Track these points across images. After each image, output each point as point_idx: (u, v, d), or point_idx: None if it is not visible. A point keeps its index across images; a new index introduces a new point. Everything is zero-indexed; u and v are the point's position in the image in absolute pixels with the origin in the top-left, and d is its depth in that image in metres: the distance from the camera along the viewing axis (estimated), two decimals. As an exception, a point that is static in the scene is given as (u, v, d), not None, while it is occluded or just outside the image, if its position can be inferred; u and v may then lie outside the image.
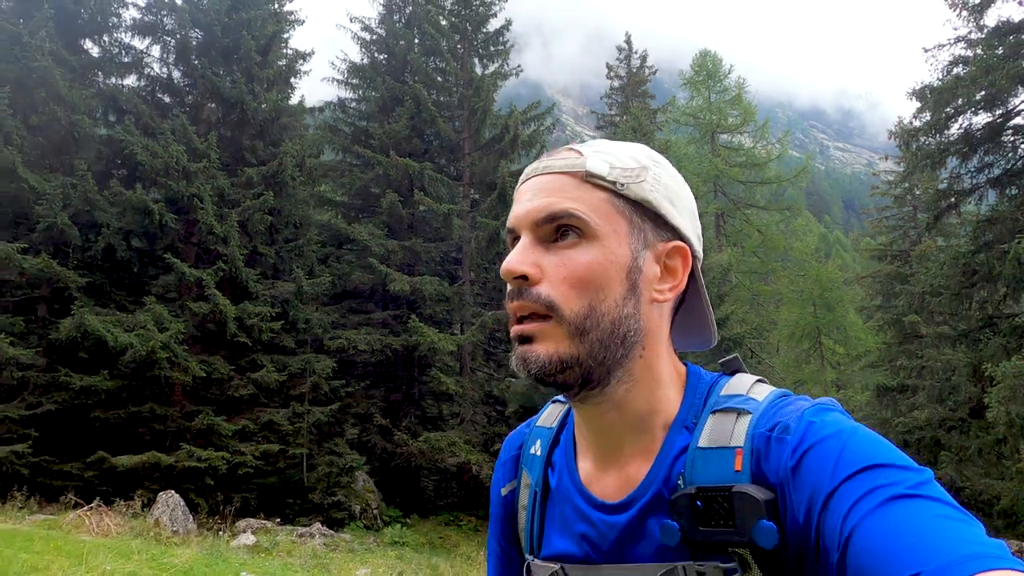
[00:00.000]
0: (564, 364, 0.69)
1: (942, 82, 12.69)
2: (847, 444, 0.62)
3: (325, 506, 15.67)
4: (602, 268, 0.70)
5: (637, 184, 0.73)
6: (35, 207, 13.33)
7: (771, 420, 0.68)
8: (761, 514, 0.63)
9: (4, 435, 12.36)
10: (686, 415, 0.74)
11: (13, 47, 13.83)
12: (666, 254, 0.74)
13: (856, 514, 0.57)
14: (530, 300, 0.70)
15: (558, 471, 0.82)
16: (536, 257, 0.71)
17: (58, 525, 9.20)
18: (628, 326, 0.71)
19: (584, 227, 0.71)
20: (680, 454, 0.72)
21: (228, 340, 14.59)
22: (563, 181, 0.72)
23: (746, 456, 0.67)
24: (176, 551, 6.57)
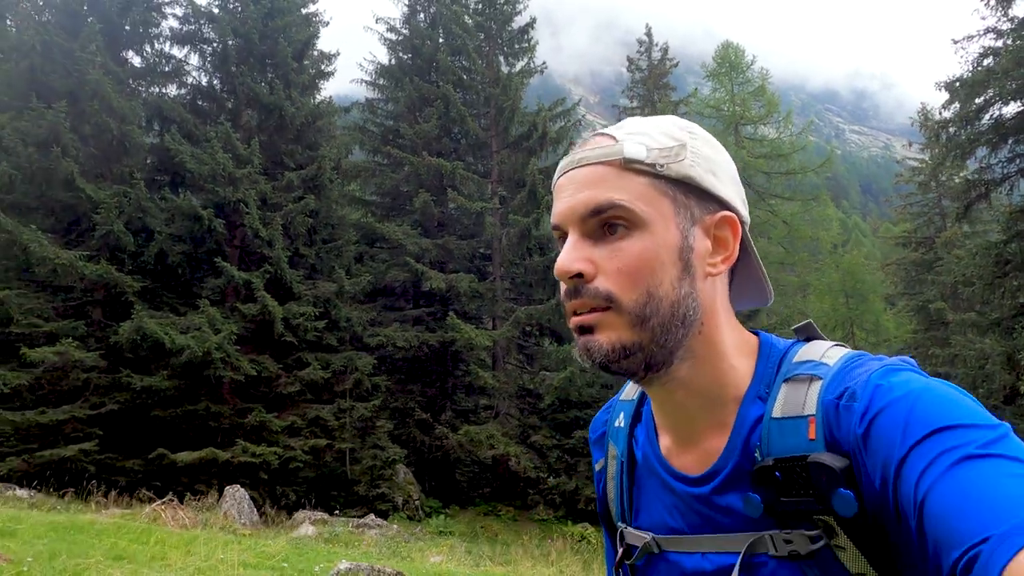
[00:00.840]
0: (627, 351, 0.71)
1: (973, 74, 12.86)
2: (915, 407, 0.62)
3: (370, 498, 16.21)
4: (654, 254, 0.71)
5: (677, 163, 0.73)
6: (92, 215, 13.89)
7: (840, 386, 0.68)
8: (838, 482, 0.63)
9: (71, 434, 12.99)
10: (759, 385, 0.75)
11: (65, 61, 14.38)
12: (715, 226, 0.75)
13: (928, 479, 0.57)
14: (588, 296, 0.71)
15: (641, 445, 0.84)
16: (587, 252, 0.72)
17: (136, 518, 9.76)
18: (687, 306, 0.72)
19: (630, 216, 0.71)
20: (755, 425, 0.72)
21: (275, 340, 15.12)
22: (602, 171, 0.72)
23: (819, 424, 0.67)
24: (268, 541, 7.06)
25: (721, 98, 24.44)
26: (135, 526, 7.45)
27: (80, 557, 5.20)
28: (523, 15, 22.00)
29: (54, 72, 14.32)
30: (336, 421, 15.71)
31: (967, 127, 13.16)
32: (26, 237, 12.43)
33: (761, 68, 23.99)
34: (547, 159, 20.77)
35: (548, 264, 19.61)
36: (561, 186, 0.75)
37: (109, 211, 13.44)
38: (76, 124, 14.34)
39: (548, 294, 20.01)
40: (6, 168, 13.03)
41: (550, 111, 21.25)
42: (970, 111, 12.84)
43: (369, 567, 5.38)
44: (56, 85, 14.23)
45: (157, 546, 6.00)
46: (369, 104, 22.61)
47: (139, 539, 6.37)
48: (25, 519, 6.95)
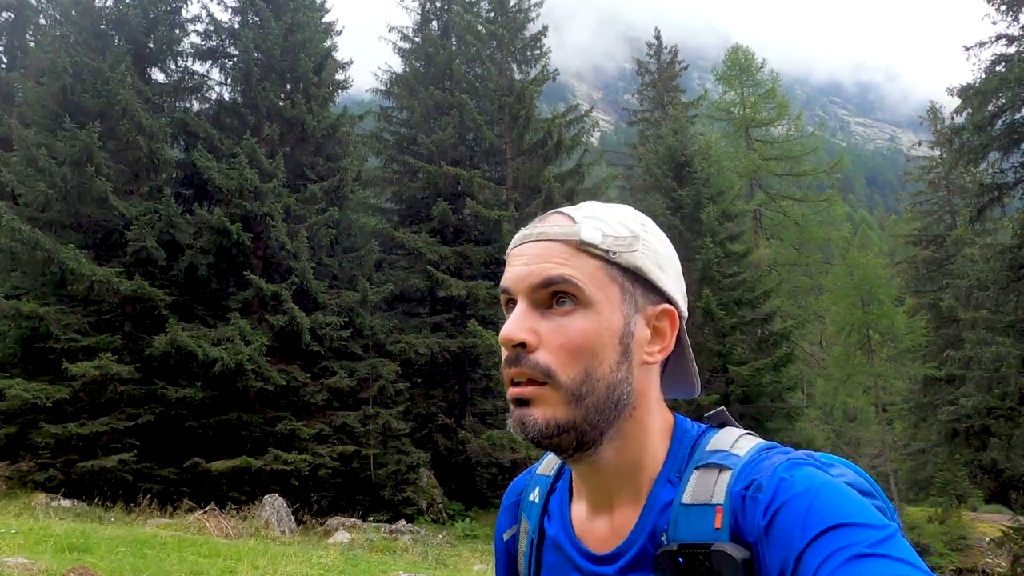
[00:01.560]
0: (560, 428, 0.72)
1: (985, 81, 13.09)
2: (813, 503, 0.64)
3: (395, 502, 16.58)
4: (597, 335, 0.72)
5: (629, 253, 0.76)
6: (124, 231, 14.27)
7: (747, 477, 0.70)
8: (738, 573, 0.65)
9: (109, 445, 13.39)
10: (671, 469, 0.77)
11: (95, 81, 14.74)
12: (656, 317, 0.77)
13: (823, 573, 0.60)
14: (528, 367, 0.72)
15: (554, 519, 0.85)
16: (533, 323, 0.73)
17: (183, 527, 10.15)
18: (621, 390, 0.74)
19: (579, 294, 0.73)
20: (664, 508, 0.74)
21: (302, 349, 15.48)
22: (558, 248, 0.74)
23: (726, 513, 0.69)
24: (319, 552, 7.42)
25: (732, 101, 24.67)
26: (195, 539, 7.82)
27: (154, 569, 5.56)
28: (535, 23, 22.30)
29: (84, 92, 14.69)
30: (362, 428, 16.07)
31: (980, 133, 13.41)
32: (65, 255, 12.81)
33: (771, 70, 24.20)
34: (562, 165, 21.07)
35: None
36: (515, 255, 0.77)
37: (142, 227, 13.82)
38: (106, 142, 14.70)
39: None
40: (43, 188, 13.41)
41: (563, 117, 21.55)
42: (983, 118, 13.08)
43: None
44: (87, 105, 14.60)
45: (225, 560, 6.36)
46: (383, 113, 22.94)
47: (206, 553, 6.73)
48: (92, 533, 7.31)
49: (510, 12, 22.43)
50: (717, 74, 25.26)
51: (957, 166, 15.18)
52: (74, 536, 6.90)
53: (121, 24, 16.01)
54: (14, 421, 13.03)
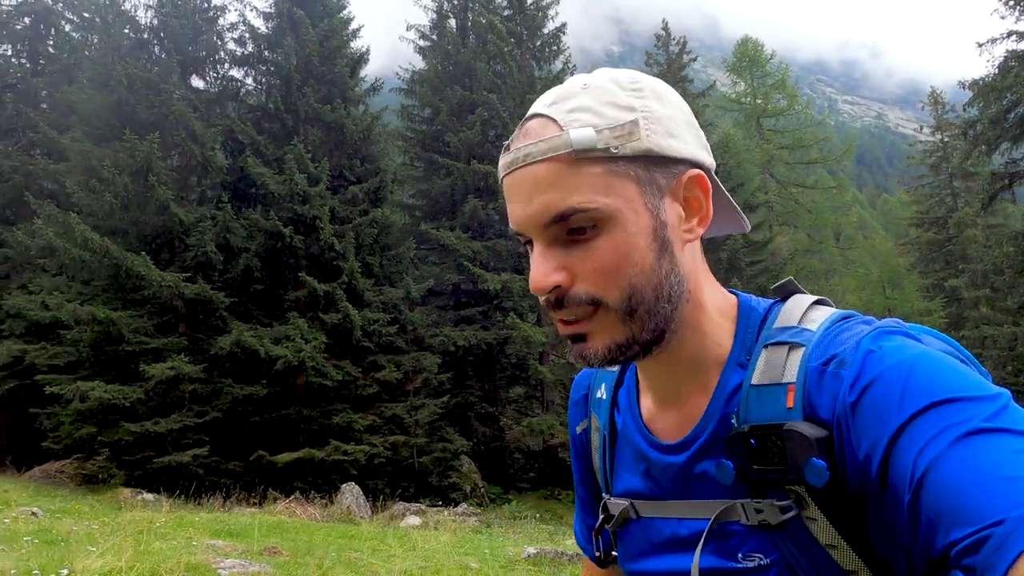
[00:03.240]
0: (623, 348, 0.69)
1: (1000, 79, 13.92)
2: (911, 376, 0.59)
3: (442, 487, 17.45)
4: (628, 246, 0.67)
5: (633, 141, 0.68)
6: (182, 236, 14.91)
7: (825, 352, 0.66)
8: (812, 452, 0.62)
9: (181, 441, 14.13)
10: (739, 351, 0.73)
11: (148, 92, 15.29)
12: (683, 188, 0.71)
13: (929, 453, 0.54)
14: (573, 304, 0.68)
15: (623, 412, 0.84)
16: (559, 260, 0.68)
17: (270, 514, 10.93)
18: (670, 283, 0.70)
19: (595, 215, 0.66)
20: (735, 392, 0.71)
21: (353, 345, 16.22)
22: (552, 169, 0.66)
23: (798, 392, 0.66)
24: (433, 534, 8.23)
25: (742, 92, 25.42)
26: (311, 524, 8.60)
27: (321, 549, 6.35)
28: (554, 20, 22.88)
29: (139, 104, 15.24)
30: (410, 418, 16.87)
31: (994, 127, 14.26)
32: (136, 263, 13.45)
33: (781, 62, 24.95)
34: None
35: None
36: (511, 188, 0.70)
37: (204, 233, 14.45)
38: (162, 151, 15.28)
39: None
40: (108, 198, 14.00)
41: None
42: (998, 112, 13.92)
43: (553, 550, 6.53)
44: (141, 115, 15.16)
45: (370, 540, 7.16)
46: (405, 111, 23.52)
47: (337, 535, 7.52)
48: (229, 520, 8.08)
49: (528, 10, 22.99)
50: (727, 65, 25.98)
51: (971, 156, 16.01)
52: (215, 524, 7.66)
53: (168, 32, 16.50)
54: (91, 421, 13.71)
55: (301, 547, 6.28)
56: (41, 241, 13.88)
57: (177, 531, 6.76)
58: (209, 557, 4.84)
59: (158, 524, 6.94)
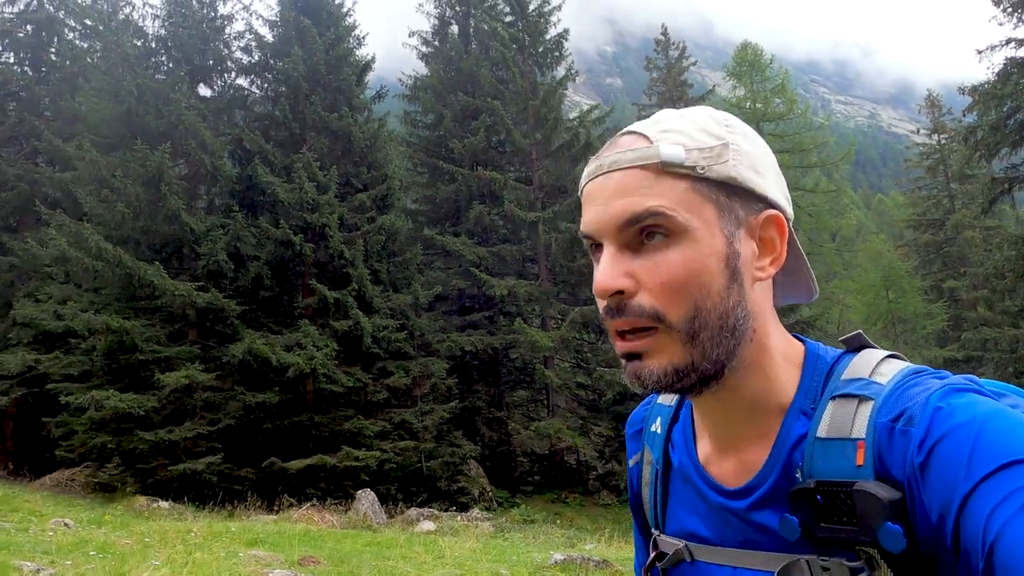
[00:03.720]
0: (680, 374, 0.67)
1: (1001, 86, 14.17)
2: (981, 435, 0.57)
3: (451, 492, 17.59)
4: (699, 264, 0.66)
5: (719, 164, 0.68)
6: (192, 245, 15.02)
7: (895, 408, 0.64)
8: (887, 515, 0.60)
9: (194, 449, 14.23)
10: (803, 399, 0.71)
11: (157, 102, 15.40)
12: (760, 227, 0.70)
13: (999, 518, 0.53)
14: (633, 315, 0.67)
15: (679, 449, 0.82)
16: (626, 266, 0.67)
17: (288, 521, 11.06)
18: (736, 315, 0.68)
19: (671, 224, 0.66)
20: (798, 442, 0.69)
21: (363, 352, 16.36)
22: (637, 176, 0.67)
23: (868, 449, 0.63)
24: (459, 541, 8.38)
25: (742, 97, 25.68)
26: (334, 532, 8.74)
27: (355, 558, 6.50)
28: (556, 26, 23.08)
29: (147, 113, 15.34)
30: (419, 423, 17.01)
31: (995, 132, 14.51)
32: (150, 273, 13.56)
33: (781, 67, 25.22)
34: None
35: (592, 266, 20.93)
36: (591, 193, 0.70)
37: (216, 242, 14.56)
38: (171, 160, 15.38)
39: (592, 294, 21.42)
40: (121, 208, 14.11)
41: (588, 115, 22.45)
42: (999, 119, 14.17)
43: (580, 556, 6.69)
44: (150, 125, 15.26)
45: (397, 548, 7.30)
46: (408, 117, 23.68)
47: (363, 543, 7.67)
48: (253, 528, 8.21)
49: (530, 17, 23.17)
50: (728, 70, 26.23)
51: (970, 161, 16.26)
52: (246, 533, 7.79)
53: (176, 41, 16.61)
54: (106, 430, 13.80)
55: (334, 555, 6.43)
56: (53, 251, 13.96)
57: (212, 541, 6.89)
58: (259, 568, 4.98)
59: (192, 534, 7.06)
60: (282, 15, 18.37)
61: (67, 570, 4.58)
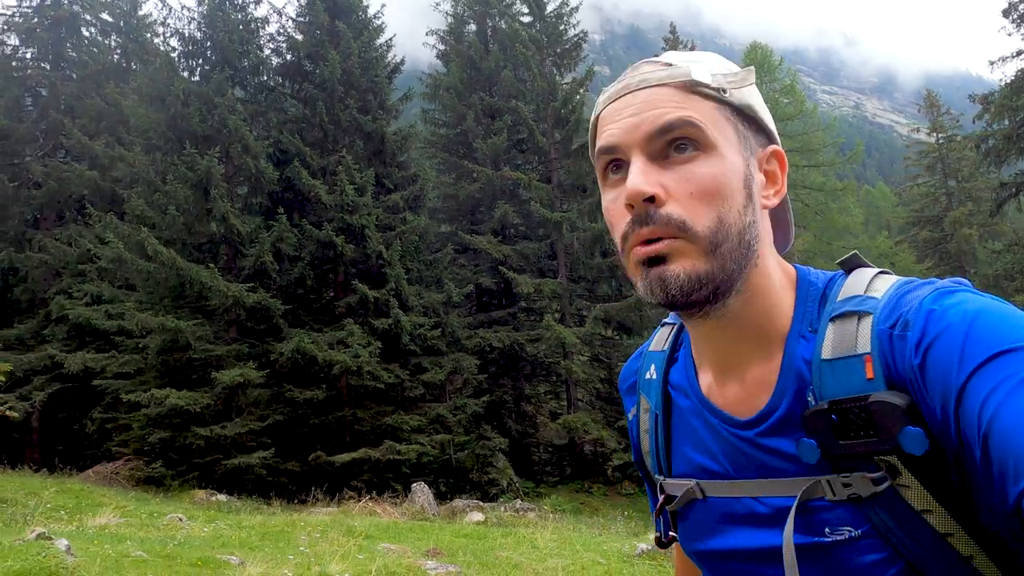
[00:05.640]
0: (701, 281, 0.68)
1: (1014, 97, 14.94)
2: (971, 330, 0.60)
3: (482, 483, 18.27)
4: (726, 179, 0.69)
5: (741, 89, 0.72)
6: (239, 246, 15.47)
7: (891, 316, 0.66)
8: (905, 420, 0.62)
9: (246, 444, 14.77)
10: (801, 323, 0.73)
11: (202, 107, 15.76)
12: (766, 160, 0.74)
13: (990, 405, 0.55)
14: (660, 223, 0.68)
15: (680, 388, 0.83)
16: (656, 176, 0.68)
17: (348, 513, 11.67)
18: (751, 235, 0.70)
19: (701, 137, 0.68)
20: (803, 365, 0.70)
21: (401, 348, 16.93)
22: (667, 92, 0.69)
23: (876, 361, 0.65)
24: (539, 532, 9.03)
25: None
26: (411, 524, 9.38)
27: (462, 549, 7.13)
28: (576, 28, 23.53)
29: (192, 117, 15.70)
30: (453, 417, 17.65)
31: (1007, 143, 15.31)
32: (203, 275, 14.01)
33: (789, 68, 25.86)
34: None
35: (613, 264, 21.62)
36: (615, 110, 0.71)
37: (263, 244, 15.03)
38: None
39: (613, 291, 22.16)
40: (173, 212, 14.52)
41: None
42: (1012, 128, 14.95)
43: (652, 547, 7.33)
44: (195, 129, 15.63)
45: (487, 539, 7.94)
46: (426, 115, 24.09)
47: (470, 534, 8.31)
48: (352, 522, 8.81)
49: (548, 18, 23.61)
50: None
51: (980, 167, 17.08)
52: (337, 525, 8.39)
53: (215, 45, 16.93)
54: (161, 426, 14.30)
55: (444, 547, 7.05)
56: (110, 253, 14.33)
57: (326, 533, 7.50)
58: (408, 560, 5.58)
59: (309, 527, 7.66)
60: (314, 18, 18.70)
61: (262, 562, 5.15)
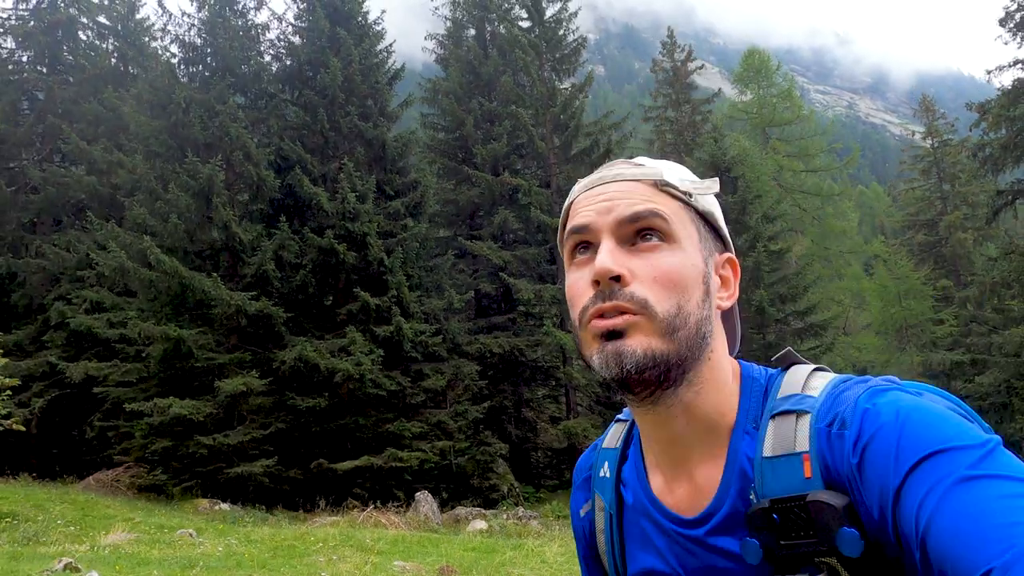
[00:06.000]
0: (655, 360, 0.70)
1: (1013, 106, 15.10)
2: (903, 431, 0.62)
3: (483, 489, 18.33)
4: (687, 271, 0.73)
5: (705, 197, 0.78)
6: (243, 255, 15.45)
7: (828, 414, 0.68)
8: (841, 521, 0.63)
9: (249, 452, 14.77)
10: (746, 419, 0.75)
11: (203, 114, 15.73)
12: (722, 265, 0.80)
13: (926, 510, 0.57)
14: (623, 300, 0.71)
15: (631, 487, 0.84)
16: (624, 259, 0.72)
17: (353, 524, 11.70)
18: (706, 328, 0.74)
19: (667, 229, 0.73)
20: (746, 462, 0.72)
21: (402, 355, 16.95)
22: (639, 187, 0.75)
23: (814, 460, 0.67)
24: (547, 544, 9.09)
25: (750, 102, 26.43)
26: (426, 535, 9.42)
27: (474, 565, 7.18)
28: (574, 33, 23.58)
29: (192, 125, 15.68)
30: (454, 423, 17.69)
31: (1004, 152, 15.46)
32: (206, 283, 14.00)
33: (787, 72, 26.01)
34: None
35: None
36: (589, 197, 0.77)
37: (265, 252, 15.02)
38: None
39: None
40: (175, 220, 14.50)
41: (606, 119, 23.11)
42: (1010, 137, 15.10)
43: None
44: (197, 136, 15.61)
45: (497, 553, 8.00)
46: (424, 120, 24.10)
47: (478, 548, 8.36)
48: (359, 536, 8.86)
49: (547, 23, 23.66)
50: (734, 76, 26.98)
51: (978, 174, 17.24)
52: (345, 539, 8.43)
53: (216, 53, 16.89)
54: (164, 434, 14.28)
55: (455, 563, 7.10)
56: (112, 262, 14.30)
57: (337, 549, 7.54)
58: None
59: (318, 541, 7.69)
60: (314, 24, 18.66)
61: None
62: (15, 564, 5.02)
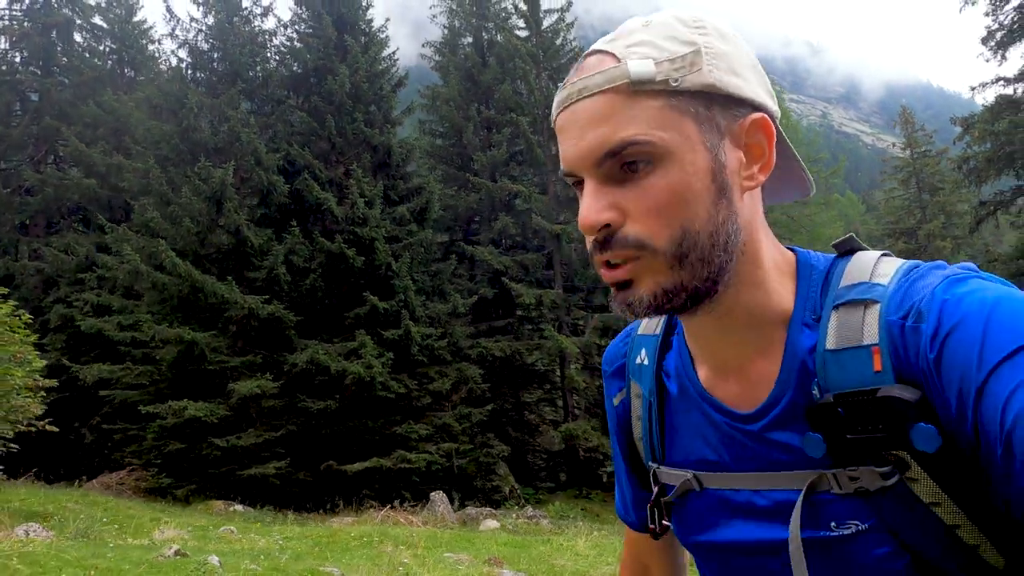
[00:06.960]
0: (669, 295, 0.65)
1: (995, 121, 15.88)
2: (990, 323, 0.57)
3: (486, 490, 18.62)
4: (684, 186, 0.64)
5: (693, 73, 0.64)
6: (254, 259, 15.61)
7: (902, 306, 0.63)
8: (915, 416, 0.59)
9: (261, 454, 14.91)
10: (804, 311, 0.69)
11: (213, 119, 15.88)
12: (745, 133, 0.67)
13: (1015, 405, 0.53)
14: (619, 247, 0.65)
15: (675, 377, 0.79)
16: (610, 198, 0.65)
17: (370, 522, 11.95)
18: (727, 231, 0.66)
19: (651, 150, 0.63)
20: (807, 355, 0.67)
21: (410, 359, 17.21)
22: (608, 101, 0.64)
23: (884, 353, 0.62)
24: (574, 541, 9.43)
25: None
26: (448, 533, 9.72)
27: (513, 559, 7.51)
28: (571, 43, 24.06)
29: (203, 129, 15.82)
30: (459, 425, 17.97)
31: (989, 165, 16.24)
32: (220, 287, 14.14)
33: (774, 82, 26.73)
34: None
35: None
36: (564, 125, 0.67)
37: (277, 256, 15.20)
38: (231, 176, 15.91)
39: (608, 301, 22.70)
40: (188, 224, 14.62)
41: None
42: (993, 151, 15.88)
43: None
44: (207, 141, 15.75)
45: (531, 548, 8.33)
46: (423, 127, 24.41)
47: (509, 543, 8.67)
48: (394, 533, 9.12)
49: (544, 33, 24.12)
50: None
51: (962, 186, 18.04)
52: (381, 536, 8.70)
53: (227, 57, 17.03)
54: (176, 437, 14.37)
55: (500, 557, 7.43)
56: (128, 266, 14.38)
57: (378, 544, 7.81)
58: (481, 569, 5.94)
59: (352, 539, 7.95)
60: (321, 32, 18.88)
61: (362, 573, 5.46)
62: (122, 552, 5.22)
